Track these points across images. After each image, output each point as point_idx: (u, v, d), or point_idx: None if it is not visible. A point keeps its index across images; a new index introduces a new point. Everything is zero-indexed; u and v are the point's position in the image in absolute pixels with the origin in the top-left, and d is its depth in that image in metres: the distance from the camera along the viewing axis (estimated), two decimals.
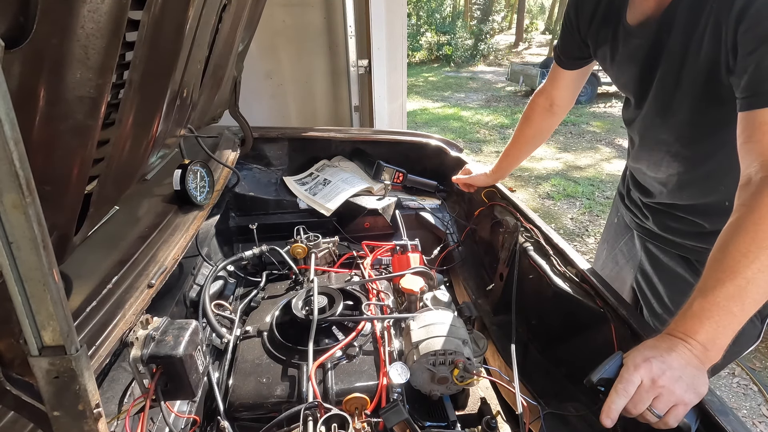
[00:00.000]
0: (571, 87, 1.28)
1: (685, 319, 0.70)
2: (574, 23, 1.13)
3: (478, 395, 1.08)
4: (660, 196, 1.10)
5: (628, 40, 0.98)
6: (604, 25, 1.05)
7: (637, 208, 1.21)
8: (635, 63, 0.99)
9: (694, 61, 0.85)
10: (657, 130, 1.02)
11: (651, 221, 1.15)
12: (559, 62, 1.24)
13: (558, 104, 1.31)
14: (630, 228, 1.28)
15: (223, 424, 0.86)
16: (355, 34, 2.59)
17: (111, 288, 0.86)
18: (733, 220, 0.72)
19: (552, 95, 1.30)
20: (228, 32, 1.18)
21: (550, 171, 5.46)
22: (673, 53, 0.88)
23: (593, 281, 0.98)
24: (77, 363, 0.44)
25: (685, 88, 0.89)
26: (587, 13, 1.08)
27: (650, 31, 0.92)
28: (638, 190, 1.19)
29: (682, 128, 0.96)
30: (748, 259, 0.66)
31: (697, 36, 0.82)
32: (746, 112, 0.75)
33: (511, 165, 1.49)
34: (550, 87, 1.30)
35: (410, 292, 1.14)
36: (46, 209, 0.40)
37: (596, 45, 1.10)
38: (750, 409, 2.14)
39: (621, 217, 1.33)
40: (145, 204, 1.23)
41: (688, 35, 0.84)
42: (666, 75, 0.92)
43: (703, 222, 1.02)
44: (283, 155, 1.91)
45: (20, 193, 0.36)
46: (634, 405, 0.66)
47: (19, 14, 0.46)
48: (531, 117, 1.38)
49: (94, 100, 0.61)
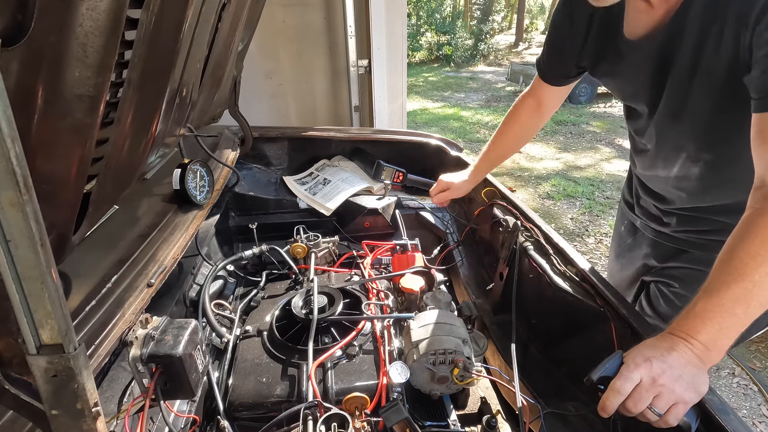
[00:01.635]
0: (559, 95, 1.27)
1: (687, 318, 0.69)
2: (564, 44, 1.11)
3: (478, 395, 1.08)
4: (679, 201, 1.07)
5: (633, 53, 0.96)
6: (601, 41, 1.02)
7: (651, 216, 1.19)
8: (643, 73, 0.97)
9: (712, 64, 0.83)
10: (674, 136, 0.99)
11: (670, 227, 1.12)
12: (544, 79, 1.23)
13: (546, 104, 1.30)
14: (640, 234, 1.25)
15: (223, 423, 0.86)
16: (355, 34, 2.59)
17: (110, 287, 0.86)
18: (744, 222, 0.71)
19: (539, 95, 1.29)
20: (227, 31, 1.18)
21: (550, 171, 5.46)
22: (687, 58, 0.86)
23: (593, 280, 0.97)
24: (75, 362, 0.44)
25: (704, 92, 0.87)
26: (579, 32, 1.06)
27: (657, 41, 0.90)
28: (651, 197, 1.16)
29: (702, 131, 0.94)
30: (756, 262, 0.66)
31: (712, 39, 0.81)
32: (760, 114, 0.74)
33: (492, 165, 1.44)
34: (538, 88, 1.28)
35: (410, 292, 1.14)
36: (45, 208, 0.40)
37: (595, 61, 1.07)
38: (750, 409, 2.14)
39: (628, 225, 1.30)
40: (145, 203, 1.23)
41: (702, 38, 0.83)
42: (680, 80, 0.90)
43: (726, 219, 1.01)
44: (283, 155, 1.91)
45: (18, 191, 0.36)
46: (634, 403, 0.66)
47: (17, 12, 0.46)
48: (517, 116, 1.35)
49: (92, 98, 0.61)
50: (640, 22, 0.93)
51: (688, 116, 0.93)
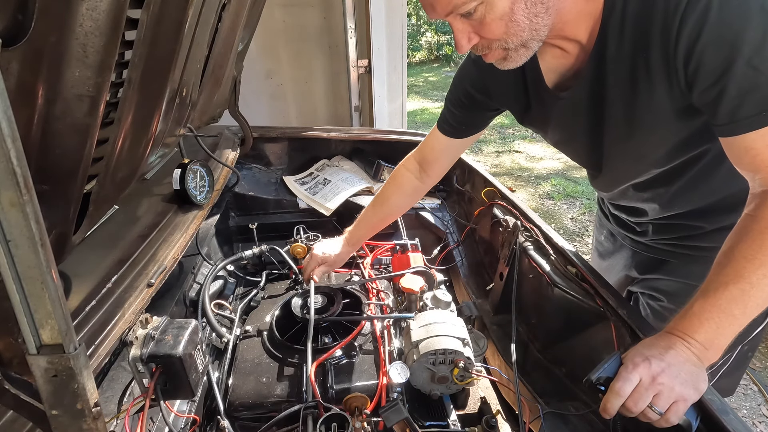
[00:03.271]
0: (449, 156, 1.20)
1: (684, 318, 0.70)
2: (477, 98, 1.03)
3: (478, 395, 1.08)
4: (652, 213, 1.05)
5: (558, 103, 0.90)
6: (522, 93, 0.96)
7: (626, 227, 1.17)
8: (576, 118, 0.91)
9: (646, 105, 0.79)
10: (625, 163, 0.95)
11: (647, 236, 1.11)
12: (444, 131, 1.13)
13: (429, 174, 1.22)
14: (618, 243, 1.24)
15: (223, 423, 0.86)
16: (355, 34, 2.59)
17: (110, 287, 0.86)
18: (739, 228, 0.71)
19: (426, 160, 1.20)
20: (227, 31, 1.18)
21: (550, 171, 5.45)
22: (617, 103, 0.82)
23: (593, 280, 0.97)
24: (76, 362, 0.44)
25: (643, 126, 0.83)
26: (495, 84, 0.99)
27: (581, 86, 0.84)
28: (624, 212, 1.14)
29: (651, 154, 0.90)
30: (754, 265, 0.66)
31: (641, 70, 0.76)
32: (728, 138, 0.73)
33: (369, 233, 1.33)
34: (426, 150, 1.20)
35: (410, 292, 1.14)
36: (45, 208, 0.40)
37: (521, 113, 1.02)
38: (750, 409, 2.14)
39: (607, 233, 1.29)
40: (145, 203, 1.23)
41: (630, 84, 0.78)
42: (617, 121, 0.85)
43: (702, 224, 1.00)
44: (282, 155, 1.91)
45: (18, 191, 0.36)
46: (634, 403, 0.66)
47: (17, 12, 0.46)
48: (399, 180, 1.26)
49: (92, 98, 0.61)
50: (556, 72, 0.88)
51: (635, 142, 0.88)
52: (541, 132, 1.06)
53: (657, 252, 1.11)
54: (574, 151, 1.06)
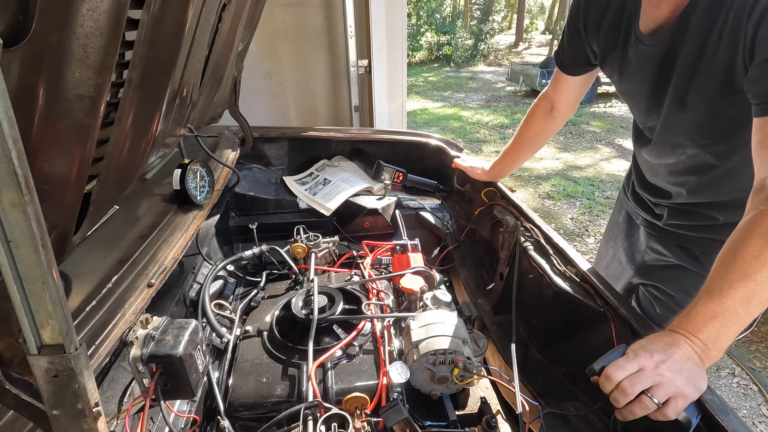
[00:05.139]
0: (574, 92, 1.28)
1: (689, 317, 0.70)
2: (580, 29, 1.11)
3: (478, 395, 1.08)
4: (678, 197, 1.09)
5: (640, 48, 0.97)
6: (613, 32, 1.03)
7: (645, 208, 1.21)
8: (648, 71, 0.97)
9: (709, 65, 0.84)
10: (672, 134, 1.01)
11: (662, 219, 1.14)
12: (561, 67, 1.23)
13: (559, 109, 1.31)
14: (635, 226, 1.27)
15: (223, 423, 0.86)
16: (355, 34, 2.58)
17: (111, 287, 0.86)
18: (745, 223, 0.71)
19: (553, 99, 1.30)
20: (228, 32, 1.18)
21: (550, 171, 5.46)
22: (688, 58, 0.88)
23: (593, 281, 0.98)
24: (76, 362, 0.44)
25: (700, 92, 0.88)
26: (594, 20, 1.06)
27: (663, 39, 0.91)
28: (648, 191, 1.18)
29: (698, 131, 0.95)
30: (759, 262, 0.66)
31: (712, 40, 0.82)
32: (761, 118, 0.75)
33: (509, 166, 1.49)
34: (552, 91, 1.30)
35: (410, 292, 1.14)
36: (45, 208, 0.40)
37: (604, 52, 1.08)
38: (750, 409, 2.14)
39: (626, 216, 1.33)
40: (145, 203, 1.23)
41: (703, 39, 0.83)
42: (681, 80, 0.91)
43: (717, 215, 1.03)
44: (283, 155, 1.91)
45: (19, 192, 0.36)
46: (631, 384, 0.66)
47: (18, 12, 0.46)
48: (532, 119, 1.38)
49: (93, 98, 0.61)
50: (651, 15, 0.93)
51: (687, 116, 0.94)
52: (615, 77, 1.10)
53: (669, 236, 1.13)
54: (637, 106, 1.10)
